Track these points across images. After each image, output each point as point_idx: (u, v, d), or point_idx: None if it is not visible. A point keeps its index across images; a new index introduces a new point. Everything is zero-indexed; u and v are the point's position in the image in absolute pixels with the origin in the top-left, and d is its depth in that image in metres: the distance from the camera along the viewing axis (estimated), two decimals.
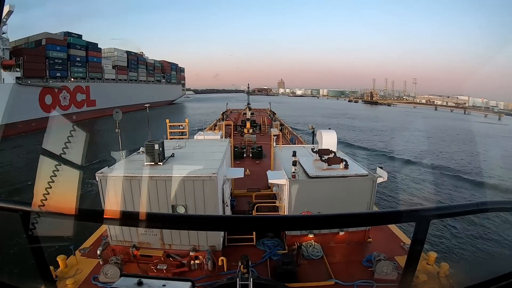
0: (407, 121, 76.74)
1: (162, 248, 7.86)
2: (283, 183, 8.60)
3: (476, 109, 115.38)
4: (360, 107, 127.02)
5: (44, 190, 1.37)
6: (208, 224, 1.40)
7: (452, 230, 15.05)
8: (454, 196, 21.23)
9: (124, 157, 8.95)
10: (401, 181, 23.79)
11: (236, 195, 12.00)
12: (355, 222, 1.87)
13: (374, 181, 8.22)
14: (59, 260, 7.32)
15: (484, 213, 1.36)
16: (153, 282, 2.39)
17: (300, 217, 2.12)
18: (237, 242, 8.38)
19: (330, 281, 7.08)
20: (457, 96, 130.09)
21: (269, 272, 7.43)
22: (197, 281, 6.66)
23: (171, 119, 15.96)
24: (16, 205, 1.32)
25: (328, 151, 9.58)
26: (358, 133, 50.79)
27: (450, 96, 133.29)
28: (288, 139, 24.55)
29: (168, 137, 15.08)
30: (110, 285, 5.50)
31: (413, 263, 1.33)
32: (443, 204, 1.40)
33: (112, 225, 7.54)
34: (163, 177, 7.57)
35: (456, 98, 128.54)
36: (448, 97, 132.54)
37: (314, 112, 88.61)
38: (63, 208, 1.31)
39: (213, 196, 7.62)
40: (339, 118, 74.04)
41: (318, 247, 8.18)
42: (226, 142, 11.82)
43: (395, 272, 7.03)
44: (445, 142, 44.19)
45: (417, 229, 1.24)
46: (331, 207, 7.81)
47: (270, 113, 37.28)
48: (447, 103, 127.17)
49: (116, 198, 7.49)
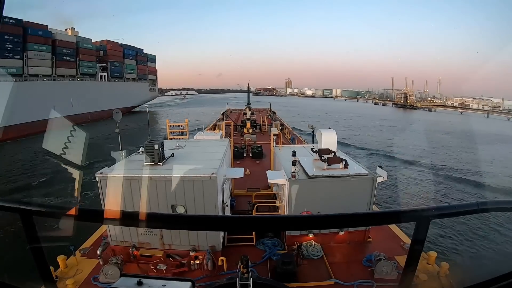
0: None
1: (162, 248, 7.86)
2: (283, 183, 8.61)
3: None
4: (397, 113, 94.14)
5: (44, 190, 1.37)
6: (208, 224, 1.40)
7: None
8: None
9: (124, 157, 8.96)
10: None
11: (236, 195, 12.00)
12: (355, 222, 1.87)
13: (374, 181, 8.23)
14: (59, 261, 7.33)
15: (484, 213, 1.35)
16: (153, 282, 2.39)
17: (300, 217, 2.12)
18: (237, 242, 8.38)
19: (330, 281, 7.08)
20: (491, 99, 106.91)
21: (269, 272, 7.43)
22: (197, 281, 6.65)
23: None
24: (16, 205, 1.31)
25: (328, 150, 9.58)
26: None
27: (483, 98, 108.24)
28: (288, 139, 24.57)
29: (168, 137, 15.08)
30: (110, 285, 5.50)
31: (413, 262, 1.33)
32: (443, 204, 1.40)
33: (112, 225, 7.54)
34: (163, 177, 7.57)
35: (489, 100, 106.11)
36: (483, 100, 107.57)
37: (345, 122, 61.16)
38: (63, 208, 1.31)
39: (212, 196, 7.62)
40: (398, 136, 46.72)
41: (318, 247, 8.19)
42: (226, 142, 11.82)
43: (395, 272, 7.03)
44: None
45: (417, 229, 1.24)
46: (331, 207, 7.81)
47: (270, 113, 37.31)
48: (482, 106, 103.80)
49: (116, 198, 7.48)
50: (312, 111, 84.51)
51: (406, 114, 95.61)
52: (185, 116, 55.86)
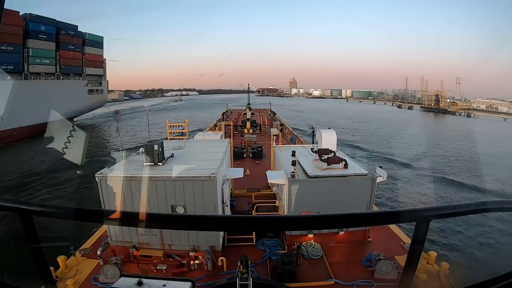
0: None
1: (162, 248, 7.86)
2: (283, 183, 8.61)
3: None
4: (437, 121, 74.82)
5: (44, 190, 1.37)
6: (208, 224, 1.40)
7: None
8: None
9: (124, 158, 8.97)
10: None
11: (236, 195, 12.00)
12: (355, 222, 1.87)
13: (373, 181, 8.23)
14: (59, 261, 7.33)
15: (484, 213, 1.35)
16: (153, 282, 2.39)
17: (300, 217, 2.12)
18: (237, 242, 8.38)
19: (330, 281, 7.08)
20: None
21: (269, 272, 7.43)
22: (196, 281, 6.66)
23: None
24: (16, 205, 1.31)
25: (327, 150, 9.58)
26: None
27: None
28: (288, 139, 24.55)
29: (168, 137, 15.09)
30: (110, 285, 5.50)
31: (413, 262, 1.33)
32: (443, 204, 1.40)
33: (112, 225, 7.54)
34: (163, 178, 7.58)
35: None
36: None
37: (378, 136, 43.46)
38: (63, 208, 1.31)
39: (212, 196, 7.62)
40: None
41: (318, 247, 8.19)
42: (225, 142, 11.82)
43: (395, 272, 7.03)
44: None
45: (417, 229, 1.24)
46: (331, 207, 7.81)
47: (270, 113, 37.31)
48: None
49: (116, 199, 7.49)
50: (335, 117, 64.40)
51: (445, 121, 75.05)
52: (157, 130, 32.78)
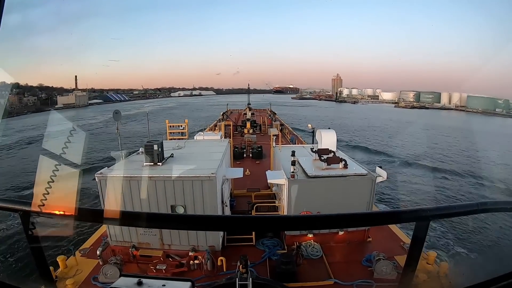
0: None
1: (162, 248, 7.86)
2: (283, 183, 8.60)
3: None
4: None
5: (44, 190, 1.37)
6: (208, 224, 1.40)
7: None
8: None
9: (124, 158, 8.96)
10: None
11: (236, 195, 12.00)
12: (355, 222, 1.87)
13: (373, 181, 8.22)
14: (59, 261, 7.34)
15: (484, 213, 1.36)
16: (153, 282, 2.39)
17: (299, 217, 2.12)
18: (237, 242, 8.37)
19: (330, 281, 7.08)
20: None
21: (269, 272, 7.43)
22: (196, 281, 6.65)
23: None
24: (16, 205, 1.31)
25: (327, 150, 9.57)
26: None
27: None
28: (288, 139, 24.55)
29: (168, 137, 15.08)
30: (110, 285, 5.50)
31: (413, 262, 1.33)
32: (443, 204, 1.40)
33: (112, 225, 7.54)
34: (162, 178, 7.57)
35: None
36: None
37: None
38: (63, 208, 1.31)
39: (212, 196, 7.62)
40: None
41: (318, 247, 8.18)
42: (225, 142, 11.82)
43: (395, 272, 7.02)
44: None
45: (417, 229, 1.25)
46: (331, 207, 7.81)
47: (270, 113, 37.29)
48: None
49: (116, 199, 7.49)
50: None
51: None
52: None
